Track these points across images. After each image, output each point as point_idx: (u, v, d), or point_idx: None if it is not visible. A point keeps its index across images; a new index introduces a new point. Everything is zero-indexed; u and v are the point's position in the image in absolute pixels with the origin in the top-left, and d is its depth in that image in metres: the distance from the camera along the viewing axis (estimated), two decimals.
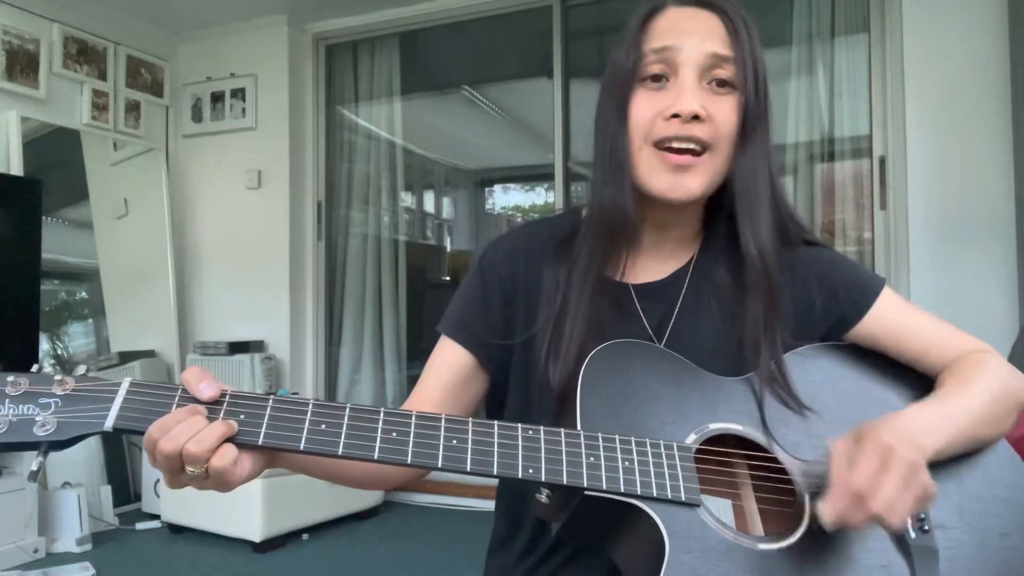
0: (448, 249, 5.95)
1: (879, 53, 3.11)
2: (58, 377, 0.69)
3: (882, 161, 3.09)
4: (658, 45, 0.84)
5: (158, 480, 3.46)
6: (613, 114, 0.87)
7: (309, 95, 4.10)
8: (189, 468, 0.68)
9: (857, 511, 0.70)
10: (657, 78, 0.84)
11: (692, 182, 0.84)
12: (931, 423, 0.79)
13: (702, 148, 0.83)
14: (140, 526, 3.40)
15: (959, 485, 0.84)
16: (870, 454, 0.71)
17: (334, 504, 3.36)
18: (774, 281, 0.87)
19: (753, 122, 0.84)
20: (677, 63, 0.83)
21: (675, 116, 0.82)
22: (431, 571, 2.88)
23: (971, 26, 2.86)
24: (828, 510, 0.71)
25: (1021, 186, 2.70)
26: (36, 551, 2.97)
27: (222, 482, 0.70)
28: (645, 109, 0.84)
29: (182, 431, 0.67)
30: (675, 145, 0.83)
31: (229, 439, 0.69)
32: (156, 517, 3.42)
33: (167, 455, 0.67)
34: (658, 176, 0.84)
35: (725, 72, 0.83)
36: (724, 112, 0.83)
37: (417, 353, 4.10)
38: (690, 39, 0.83)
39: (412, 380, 4.06)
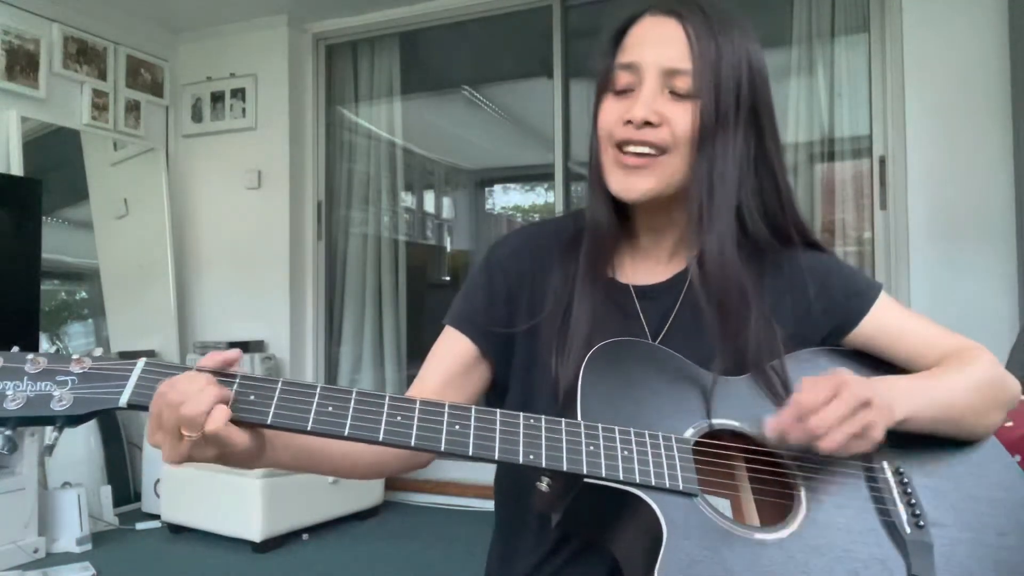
0: (448, 249, 5.94)
1: (879, 53, 3.11)
2: (75, 356, 0.72)
3: (882, 161, 3.09)
4: (625, 61, 0.88)
5: (158, 480, 3.46)
6: (591, 122, 0.93)
7: (309, 95, 4.10)
8: (185, 432, 0.69)
9: (796, 427, 0.76)
10: (624, 90, 0.88)
11: (643, 182, 0.87)
12: (904, 388, 0.84)
13: (658, 151, 0.86)
14: (140, 526, 3.40)
15: (955, 485, 0.85)
16: (827, 383, 0.77)
17: (334, 504, 3.36)
18: (720, 289, 0.88)
19: (709, 131, 0.86)
20: (641, 75, 0.87)
21: (630, 122, 0.86)
22: (431, 571, 2.88)
23: (971, 26, 2.87)
24: (772, 422, 0.78)
25: (1021, 186, 2.70)
26: (36, 551, 2.97)
27: (218, 444, 0.71)
28: (608, 115, 0.89)
29: (189, 385, 0.69)
30: (631, 149, 0.87)
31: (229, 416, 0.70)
32: (156, 517, 3.42)
33: (171, 403, 0.69)
34: (615, 176, 0.88)
35: (681, 84, 0.86)
36: (681, 118, 0.86)
37: (417, 352, 4.10)
38: (651, 52, 0.87)
39: (412, 379, 4.03)
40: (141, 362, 0.73)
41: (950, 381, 0.87)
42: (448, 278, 5.54)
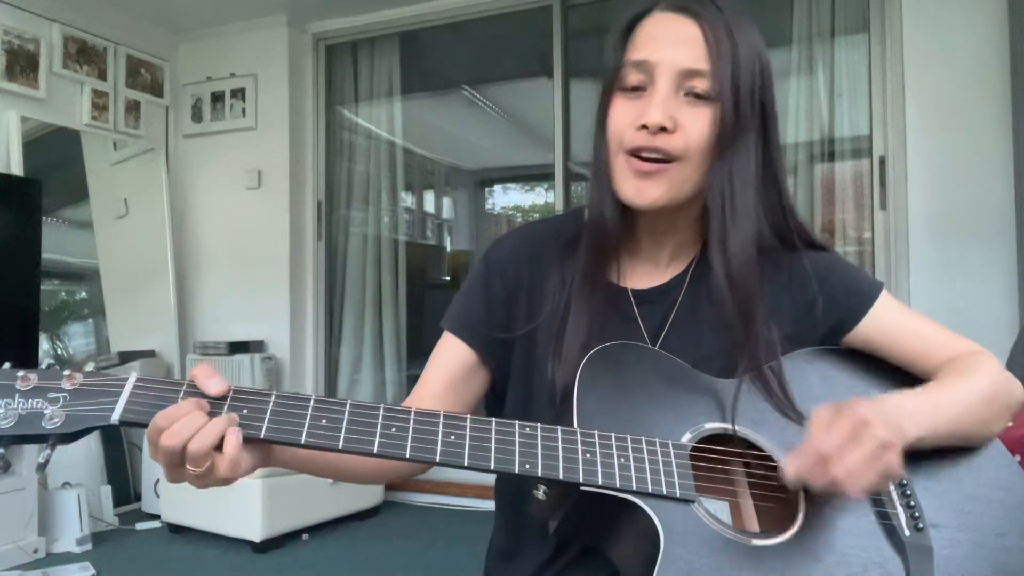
0: (448, 249, 5.95)
1: (879, 53, 3.11)
2: (66, 372, 0.71)
3: (882, 161, 3.09)
4: (637, 58, 0.84)
5: (158, 480, 3.46)
6: (598, 120, 0.89)
7: (309, 95, 4.10)
8: (190, 466, 0.69)
9: (818, 472, 0.73)
10: (635, 88, 0.85)
11: (655, 190, 0.84)
12: (913, 409, 0.80)
13: (670, 159, 0.83)
14: (140, 526, 3.40)
15: (955, 485, 0.84)
16: (845, 422, 0.73)
17: (334, 504, 3.36)
18: (743, 296, 0.86)
19: (729, 135, 0.83)
20: (654, 75, 0.83)
21: (644, 127, 0.82)
22: (431, 571, 2.88)
23: (971, 26, 2.86)
24: (791, 467, 0.74)
25: (1021, 186, 2.70)
26: (36, 551, 2.97)
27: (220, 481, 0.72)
28: (620, 117, 0.85)
29: (183, 427, 0.69)
30: (643, 155, 0.84)
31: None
32: (156, 517, 3.42)
33: (169, 449, 0.69)
34: (626, 182, 0.85)
35: (700, 85, 0.83)
36: (697, 123, 0.83)
37: (417, 353, 4.10)
38: (666, 51, 0.83)
39: (412, 380, 4.05)
40: (132, 377, 0.72)
41: (956, 394, 0.84)
42: (448, 278, 5.54)
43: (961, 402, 0.84)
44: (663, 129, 0.82)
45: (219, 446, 0.69)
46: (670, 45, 0.83)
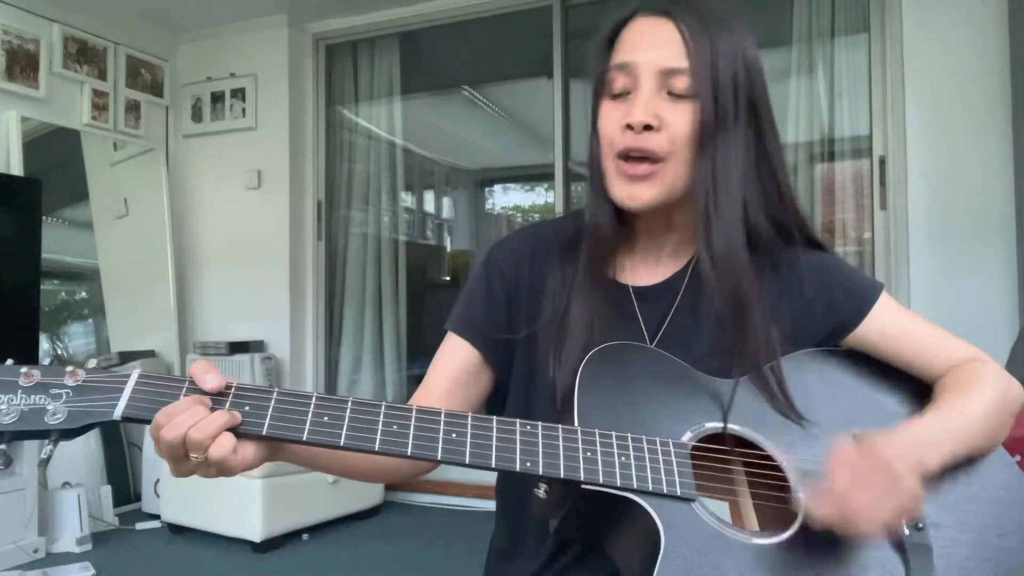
0: (448, 249, 5.96)
1: (879, 53, 3.11)
2: (69, 368, 0.71)
3: (882, 161, 3.09)
4: (619, 62, 0.87)
5: (158, 480, 3.46)
6: (591, 126, 0.92)
7: (309, 95, 4.10)
8: (192, 455, 0.70)
9: (835, 511, 0.73)
10: (621, 93, 0.87)
11: (646, 192, 0.86)
12: (931, 437, 0.80)
13: (659, 160, 0.85)
14: (140, 526, 3.40)
15: (955, 486, 0.84)
16: (863, 461, 0.74)
17: (334, 504, 3.36)
18: (732, 288, 0.87)
19: (710, 130, 0.85)
20: (637, 76, 0.86)
21: (629, 127, 0.84)
22: (431, 571, 2.88)
23: (971, 26, 2.86)
24: (815, 506, 0.75)
25: (1021, 186, 2.70)
26: (36, 551, 2.97)
27: (224, 469, 0.72)
28: (609, 121, 0.88)
29: (185, 418, 0.69)
30: (632, 155, 0.86)
31: (232, 428, 0.71)
32: (156, 517, 3.42)
33: (170, 441, 0.69)
34: (618, 186, 0.87)
35: (680, 83, 0.84)
36: (679, 120, 0.85)
37: (417, 353, 4.10)
38: (647, 54, 0.86)
39: (412, 380, 4.05)
40: (135, 374, 0.73)
41: (968, 414, 0.84)
42: (448, 278, 5.55)
43: (973, 423, 0.84)
44: (648, 128, 0.84)
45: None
46: (650, 47, 0.86)
